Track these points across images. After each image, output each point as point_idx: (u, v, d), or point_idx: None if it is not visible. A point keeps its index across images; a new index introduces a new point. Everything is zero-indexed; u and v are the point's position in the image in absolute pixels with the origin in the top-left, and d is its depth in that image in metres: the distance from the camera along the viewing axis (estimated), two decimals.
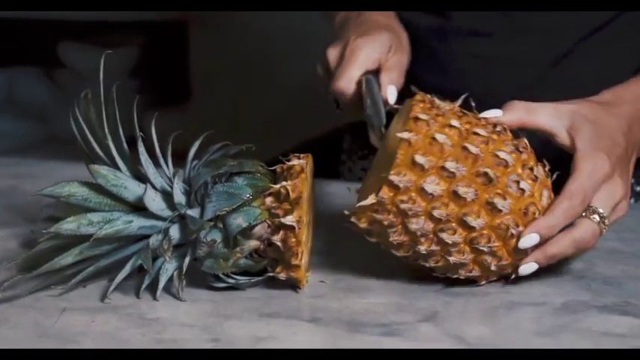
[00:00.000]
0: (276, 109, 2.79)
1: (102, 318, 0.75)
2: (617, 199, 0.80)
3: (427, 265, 0.78)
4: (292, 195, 0.77)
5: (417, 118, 0.76)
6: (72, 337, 0.72)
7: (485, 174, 0.75)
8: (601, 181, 0.79)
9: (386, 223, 0.76)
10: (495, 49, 1.06)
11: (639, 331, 0.73)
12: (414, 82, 0.83)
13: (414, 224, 0.75)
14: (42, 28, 3.00)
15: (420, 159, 0.75)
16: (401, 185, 0.74)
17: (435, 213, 0.75)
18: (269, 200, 0.78)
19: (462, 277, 0.79)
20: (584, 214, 0.79)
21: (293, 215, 0.77)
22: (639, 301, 0.78)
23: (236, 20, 2.78)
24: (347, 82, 0.91)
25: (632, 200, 1.11)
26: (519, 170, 0.76)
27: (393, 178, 0.75)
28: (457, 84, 1.00)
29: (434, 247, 0.76)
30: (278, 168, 0.80)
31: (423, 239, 0.76)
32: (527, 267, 0.78)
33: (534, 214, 0.77)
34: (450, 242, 0.75)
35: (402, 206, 0.75)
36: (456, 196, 0.75)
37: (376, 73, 0.94)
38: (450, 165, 0.75)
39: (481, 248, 0.76)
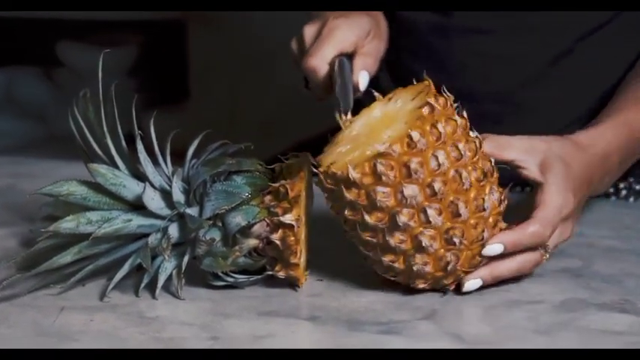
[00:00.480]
0: (275, 108, 2.78)
1: (101, 317, 0.75)
2: (564, 238, 0.83)
3: (382, 255, 0.76)
4: (291, 193, 0.77)
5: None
6: (71, 336, 0.72)
7: (484, 173, 0.76)
8: (564, 219, 0.81)
9: (383, 178, 0.73)
10: (495, 47, 1.06)
11: (638, 328, 0.73)
12: (412, 78, 0.83)
13: (410, 190, 0.73)
14: (40, 27, 3.00)
15: (440, 127, 0.74)
16: (419, 144, 0.74)
17: (435, 186, 0.74)
18: (268, 199, 0.78)
19: (401, 274, 0.77)
20: None
21: (292, 214, 0.77)
22: (638, 299, 0.78)
23: (235, 20, 2.78)
24: (319, 61, 0.90)
25: (632, 199, 1.11)
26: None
27: (414, 134, 0.73)
28: (457, 81, 1.00)
29: (411, 223, 0.74)
30: (277, 167, 0.80)
31: (406, 210, 0.74)
32: (473, 283, 0.78)
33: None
34: (431, 221, 0.74)
35: (412, 165, 0.73)
36: (456, 178, 0.74)
37: (350, 56, 0.92)
38: (462, 147, 0.75)
39: (454, 240, 0.75)
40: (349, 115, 0.82)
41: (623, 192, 1.12)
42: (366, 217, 0.75)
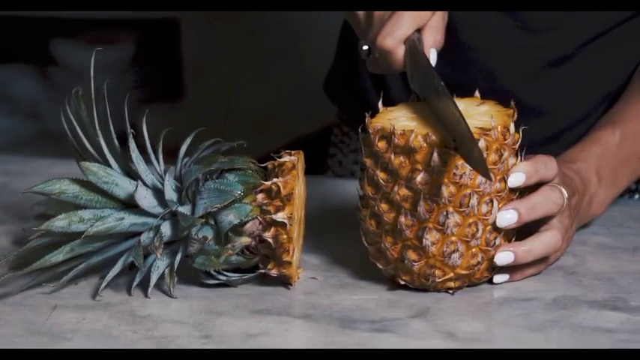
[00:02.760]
0: (270, 105, 2.78)
1: (93, 315, 0.75)
2: (557, 256, 0.84)
3: (384, 235, 0.77)
4: (283, 191, 0.77)
5: None
6: (63, 335, 0.72)
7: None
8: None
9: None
10: (498, 44, 1.06)
11: (630, 326, 0.73)
12: None
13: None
14: (34, 24, 2.99)
15: (505, 155, 0.77)
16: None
17: (471, 201, 0.75)
18: (260, 197, 0.78)
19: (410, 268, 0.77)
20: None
21: (284, 212, 0.77)
22: (630, 297, 0.78)
23: (229, 17, 2.77)
24: (397, 42, 0.84)
25: (627, 196, 1.11)
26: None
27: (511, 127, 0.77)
28: (462, 75, 0.99)
29: (426, 215, 0.75)
30: (269, 164, 0.80)
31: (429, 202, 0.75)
32: (504, 256, 0.79)
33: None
34: (444, 226, 0.75)
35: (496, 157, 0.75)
36: (489, 207, 0.76)
37: (418, 30, 0.87)
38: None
39: (451, 256, 0.76)
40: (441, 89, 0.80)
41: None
42: (396, 189, 0.75)
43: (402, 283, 0.78)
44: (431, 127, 0.76)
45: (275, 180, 0.78)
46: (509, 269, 0.80)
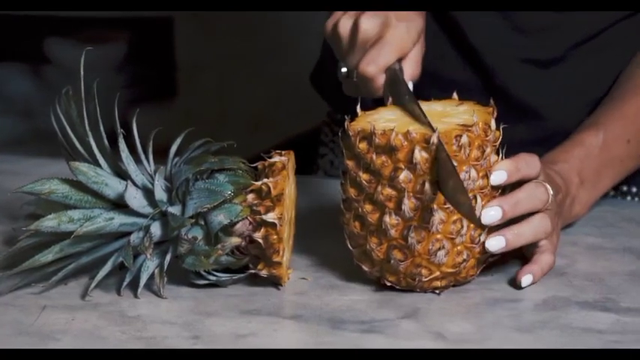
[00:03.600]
0: (263, 105, 2.78)
1: (82, 316, 0.75)
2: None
3: (369, 236, 0.77)
4: (274, 192, 0.77)
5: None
6: (52, 335, 0.72)
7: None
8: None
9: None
10: (493, 44, 1.06)
11: (620, 327, 0.73)
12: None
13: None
14: (28, 23, 2.99)
15: (487, 151, 0.77)
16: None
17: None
18: (250, 197, 0.78)
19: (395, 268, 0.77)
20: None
21: (274, 212, 0.77)
22: (620, 298, 0.78)
23: (223, 17, 2.77)
24: (378, 70, 0.85)
25: (619, 198, 1.11)
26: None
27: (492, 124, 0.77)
28: (458, 74, 0.99)
29: (411, 214, 0.75)
30: (259, 165, 0.80)
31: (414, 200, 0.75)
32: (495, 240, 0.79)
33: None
34: (429, 224, 0.75)
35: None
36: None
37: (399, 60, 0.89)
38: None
39: (437, 253, 0.76)
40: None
41: (611, 192, 1.12)
42: (379, 189, 0.75)
43: (389, 284, 0.78)
44: (411, 125, 0.77)
45: (265, 180, 0.78)
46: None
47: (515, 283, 0.80)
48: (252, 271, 0.79)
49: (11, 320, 0.74)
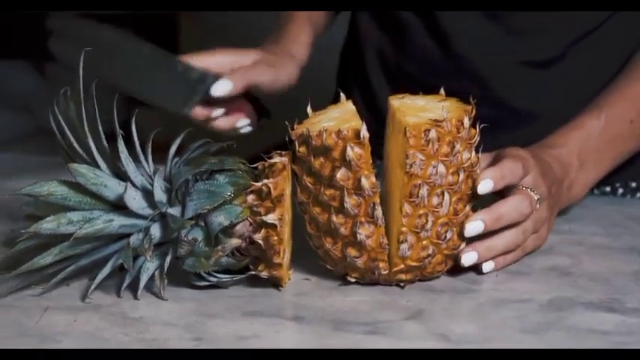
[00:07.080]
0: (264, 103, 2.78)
1: (84, 317, 0.75)
2: (539, 243, 0.86)
3: (324, 237, 0.78)
4: (274, 193, 0.77)
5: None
6: (53, 337, 0.71)
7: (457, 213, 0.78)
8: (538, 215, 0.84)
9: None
10: (490, 50, 1.06)
11: (625, 328, 0.72)
12: (407, 80, 0.82)
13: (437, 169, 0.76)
14: (31, 20, 2.98)
15: (457, 147, 0.77)
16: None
17: (421, 191, 0.75)
18: (250, 198, 0.77)
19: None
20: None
21: (275, 213, 0.76)
22: (625, 298, 0.78)
23: (225, 14, 2.77)
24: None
25: (629, 196, 1.11)
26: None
27: (465, 121, 0.77)
28: (453, 84, 0.99)
29: (355, 210, 0.76)
30: (259, 165, 0.80)
31: (355, 197, 0.76)
32: (469, 255, 0.80)
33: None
34: (374, 217, 0.75)
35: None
36: (439, 199, 0.76)
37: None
38: (461, 178, 0.77)
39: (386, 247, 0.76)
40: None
41: (620, 190, 1.12)
42: (322, 190, 0.76)
43: (353, 280, 0.79)
44: (349, 122, 0.77)
45: (265, 181, 0.77)
46: (488, 254, 0.80)
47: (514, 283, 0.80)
48: (253, 272, 0.78)
49: (13, 322, 0.74)
